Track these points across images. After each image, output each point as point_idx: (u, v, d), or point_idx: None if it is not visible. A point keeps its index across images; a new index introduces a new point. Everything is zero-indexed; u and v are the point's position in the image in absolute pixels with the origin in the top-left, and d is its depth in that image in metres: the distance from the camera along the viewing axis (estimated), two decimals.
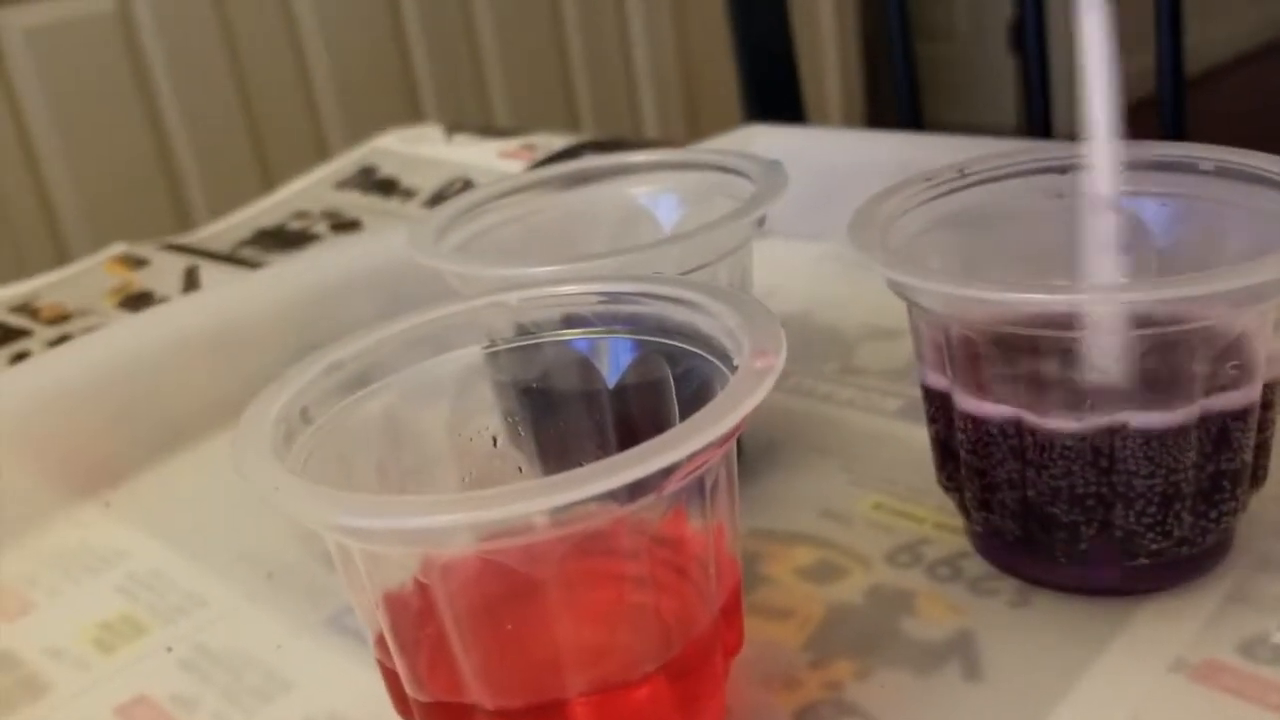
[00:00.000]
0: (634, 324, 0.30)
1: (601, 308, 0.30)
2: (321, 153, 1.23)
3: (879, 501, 0.36)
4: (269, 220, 0.71)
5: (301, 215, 0.71)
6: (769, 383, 0.24)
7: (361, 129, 0.89)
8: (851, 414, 0.41)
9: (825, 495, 0.36)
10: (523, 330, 0.31)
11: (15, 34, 1.21)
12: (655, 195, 0.41)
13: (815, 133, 0.65)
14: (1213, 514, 0.29)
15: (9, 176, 1.21)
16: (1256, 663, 0.28)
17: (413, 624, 0.25)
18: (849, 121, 1.90)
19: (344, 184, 0.75)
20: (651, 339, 0.30)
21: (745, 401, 0.24)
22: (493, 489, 0.22)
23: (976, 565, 0.32)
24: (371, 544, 0.24)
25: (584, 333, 0.31)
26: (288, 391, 0.27)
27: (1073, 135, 0.31)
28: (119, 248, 0.68)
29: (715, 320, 0.28)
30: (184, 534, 0.40)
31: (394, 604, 0.25)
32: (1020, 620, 0.30)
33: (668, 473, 0.23)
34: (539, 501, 0.22)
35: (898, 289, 0.30)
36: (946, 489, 0.33)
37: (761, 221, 0.36)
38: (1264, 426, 0.30)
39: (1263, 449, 0.30)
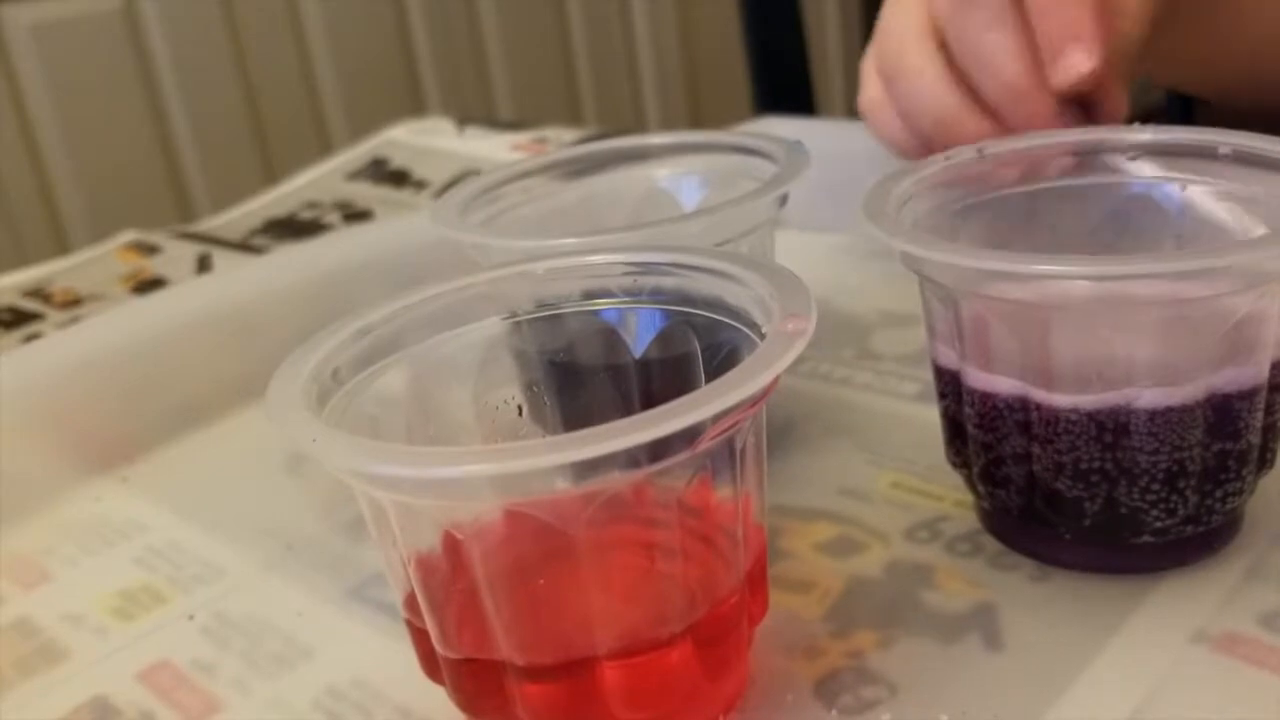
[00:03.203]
0: (661, 294, 0.30)
1: (628, 278, 0.31)
2: (325, 148, 1.23)
3: (897, 480, 0.36)
4: (280, 210, 0.71)
5: (313, 205, 0.71)
6: (799, 346, 0.24)
7: (365, 123, 0.89)
8: (869, 397, 0.41)
9: (844, 474, 0.37)
10: (547, 302, 0.31)
11: (21, 31, 1.21)
12: (676, 177, 0.41)
13: (830, 124, 0.65)
14: (1218, 493, 0.29)
15: (13, 173, 1.21)
16: (1277, 634, 0.28)
17: (443, 581, 0.25)
18: None
19: (355, 175, 0.75)
20: (679, 309, 0.30)
21: (775, 364, 0.24)
22: (519, 443, 0.22)
23: (996, 541, 0.32)
24: (402, 494, 0.24)
25: (610, 303, 0.31)
26: (319, 353, 0.27)
27: None
28: (130, 235, 0.68)
29: (745, 289, 0.28)
30: (202, 508, 0.40)
31: (425, 562, 0.25)
32: (1041, 594, 0.30)
33: (694, 433, 0.23)
34: (563, 455, 0.22)
35: (909, 263, 0.30)
36: (955, 465, 0.33)
37: (784, 200, 0.36)
38: (1273, 409, 0.30)
39: (1271, 431, 0.30)
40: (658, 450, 0.23)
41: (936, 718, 0.27)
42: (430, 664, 0.26)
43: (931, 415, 0.38)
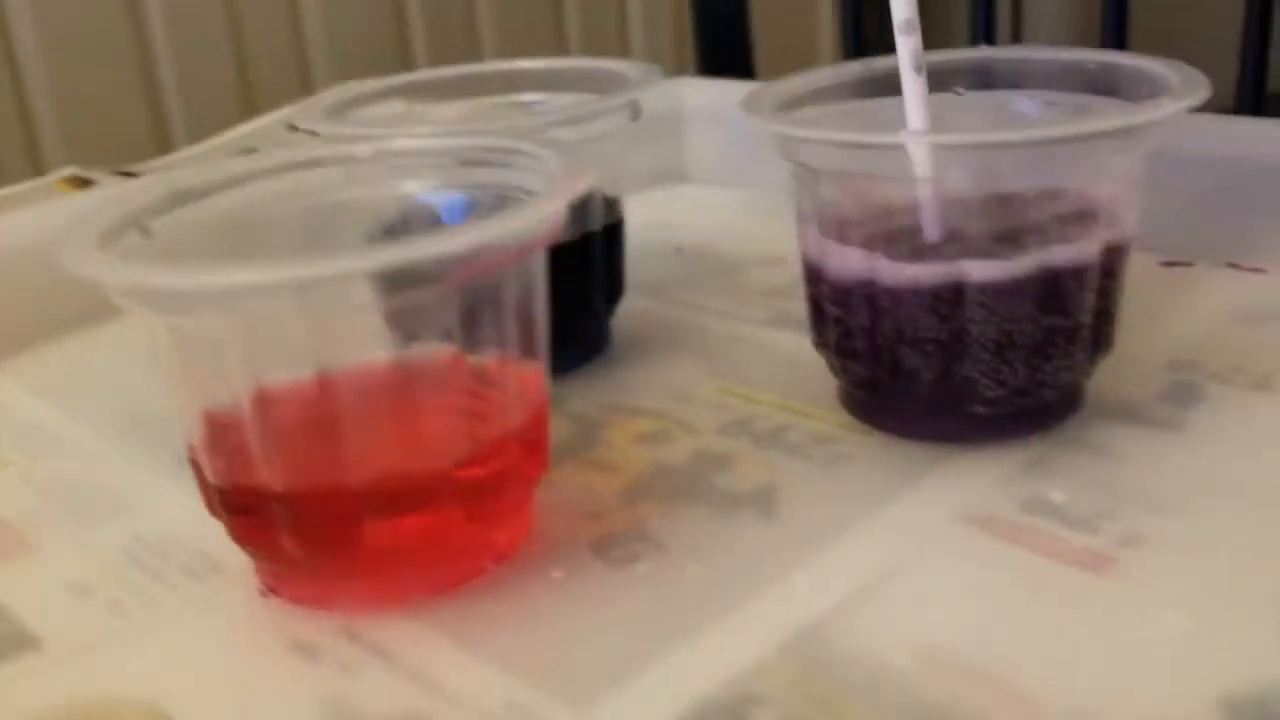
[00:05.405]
0: (474, 180, 0.32)
1: (446, 165, 0.32)
2: None
3: (726, 387, 0.37)
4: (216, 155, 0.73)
5: (250, 152, 0.73)
6: (557, 204, 0.26)
7: None
8: (722, 322, 0.43)
9: (678, 381, 0.38)
10: (371, 182, 0.33)
11: None
12: (543, 101, 0.43)
13: (744, 86, 0.66)
14: (1048, 368, 0.31)
15: None
16: (1033, 515, 0.29)
17: (228, 430, 0.27)
18: None
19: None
20: (489, 191, 0.31)
21: (530, 212, 0.25)
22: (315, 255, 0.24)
23: (800, 435, 0.34)
24: (196, 311, 0.25)
25: (431, 187, 0.32)
26: (125, 206, 0.29)
27: None
28: (70, 170, 0.70)
29: (542, 167, 0.29)
30: (69, 396, 0.41)
31: (214, 416, 0.27)
32: (825, 477, 0.31)
33: (444, 264, 0.24)
34: (357, 264, 0.24)
35: (781, 150, 0.32)
36: (817, 346, 0.34)
37: (636, 113, 0.38)
38: (1107, 292, 0.31)
39: (1105, 315, 0.32)
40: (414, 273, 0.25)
41: (687, 565, 0.28)
42: (211, 500, 0.28)
43: (775, 338, 0.40)
